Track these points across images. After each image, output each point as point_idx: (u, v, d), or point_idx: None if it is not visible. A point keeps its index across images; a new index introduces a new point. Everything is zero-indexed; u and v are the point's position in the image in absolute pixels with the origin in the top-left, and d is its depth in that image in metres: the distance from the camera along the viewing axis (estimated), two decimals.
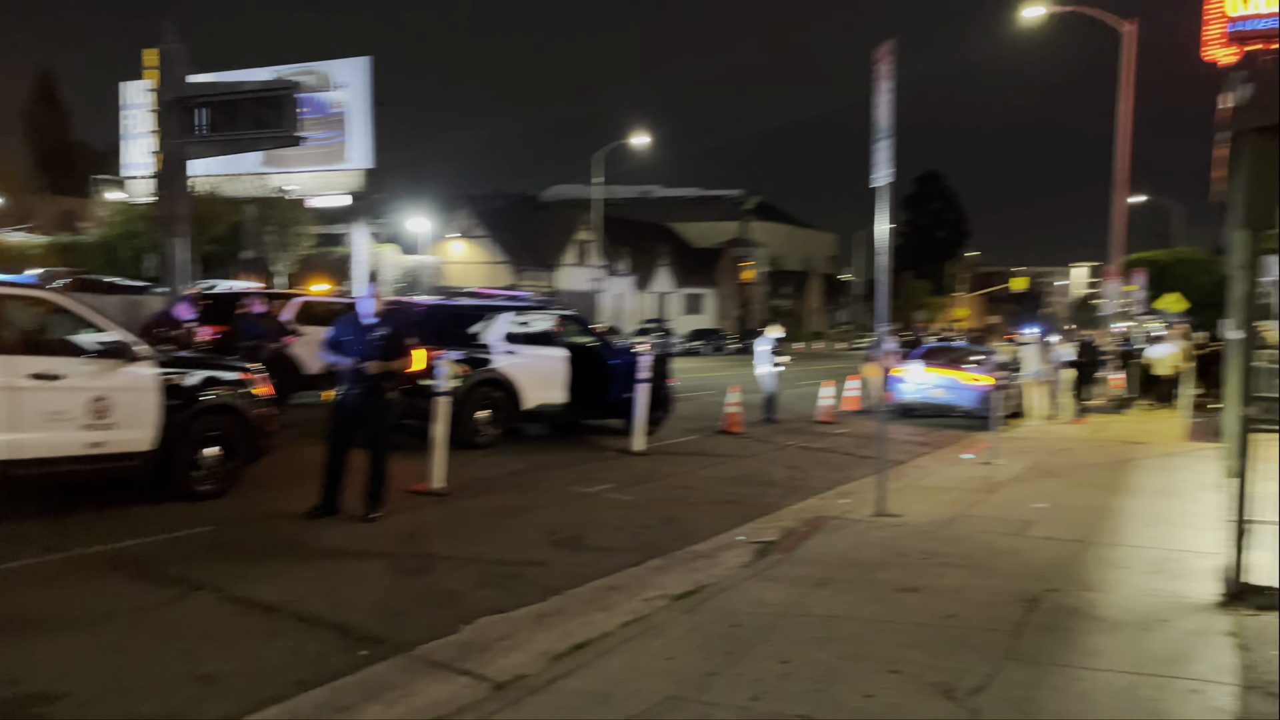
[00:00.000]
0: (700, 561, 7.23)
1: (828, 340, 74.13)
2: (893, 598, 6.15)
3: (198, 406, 8.25)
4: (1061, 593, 6.25)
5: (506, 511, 8.75)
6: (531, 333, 13.24)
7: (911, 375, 18.06)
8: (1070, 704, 4.42)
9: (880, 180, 8.45)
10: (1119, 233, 24.64)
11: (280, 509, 8.28)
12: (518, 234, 55.73)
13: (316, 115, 30.24)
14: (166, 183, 18.75)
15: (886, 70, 8.23)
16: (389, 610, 5.84)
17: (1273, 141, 5.49)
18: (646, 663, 4.93)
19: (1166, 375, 20.87)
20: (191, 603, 5.79)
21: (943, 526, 8.35)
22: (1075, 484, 10.82)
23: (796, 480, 11.16)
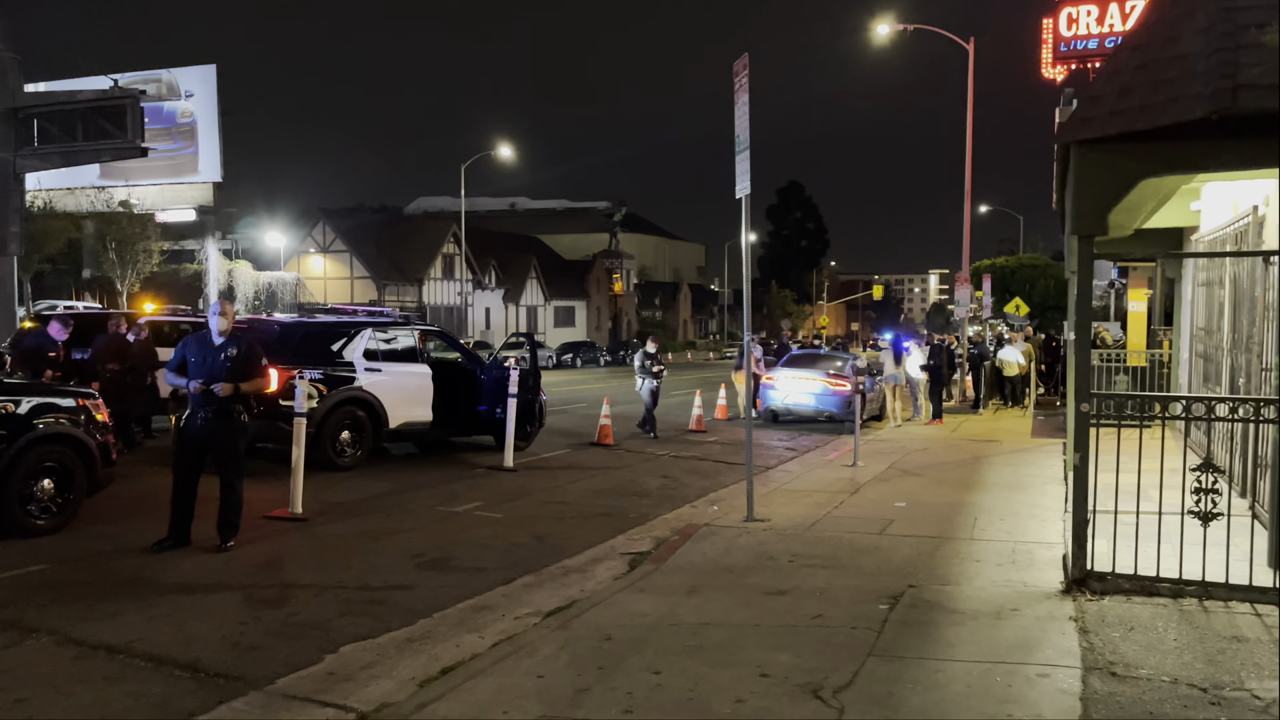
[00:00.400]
0: (572, 576, 7.17)
1: (698, 350, 75.28)
2: (761, 602, 6.24)
3: (30, 436, 7.68)
4: (920, 588, 6.47)
5: (370, 535, 8.49)
6: (395, 349, 12.94)
7: (778, 382, 18.49)
8: (930, 695, 4.57)
9: (741, 191, 8.61)
10: (969, 241, 25.90)
11: (124, 543, 7.79)
12: (380, 248, 54.45)
13: (164, 125, 28.90)
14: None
15: (744, 83, 8.40)
16: (244, 645, 5.56)
17: (1096, 153, 5.85)
18: (517, 683, 4.84)
19: (1014, 376, 22.02)
20: (25, 648, 5.36)
21: (808, 529, 8.54)
22: (932, 482, 11.27)
23: (669, 490, 11.24)
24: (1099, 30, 22.63)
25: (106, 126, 18.07)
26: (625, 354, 58.27)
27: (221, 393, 7.55)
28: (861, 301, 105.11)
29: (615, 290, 70.51)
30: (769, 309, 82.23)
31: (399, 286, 52.76)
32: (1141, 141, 5.69)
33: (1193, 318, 13.04)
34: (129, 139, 17.96)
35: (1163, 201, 7.92)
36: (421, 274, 54.27)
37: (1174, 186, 7.14)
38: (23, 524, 7.69)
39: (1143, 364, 16.32)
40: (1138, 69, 5.78)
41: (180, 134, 30.46)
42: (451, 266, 55.20)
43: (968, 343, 26.34)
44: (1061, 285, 37.03)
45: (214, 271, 33.05)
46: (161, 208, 31.68)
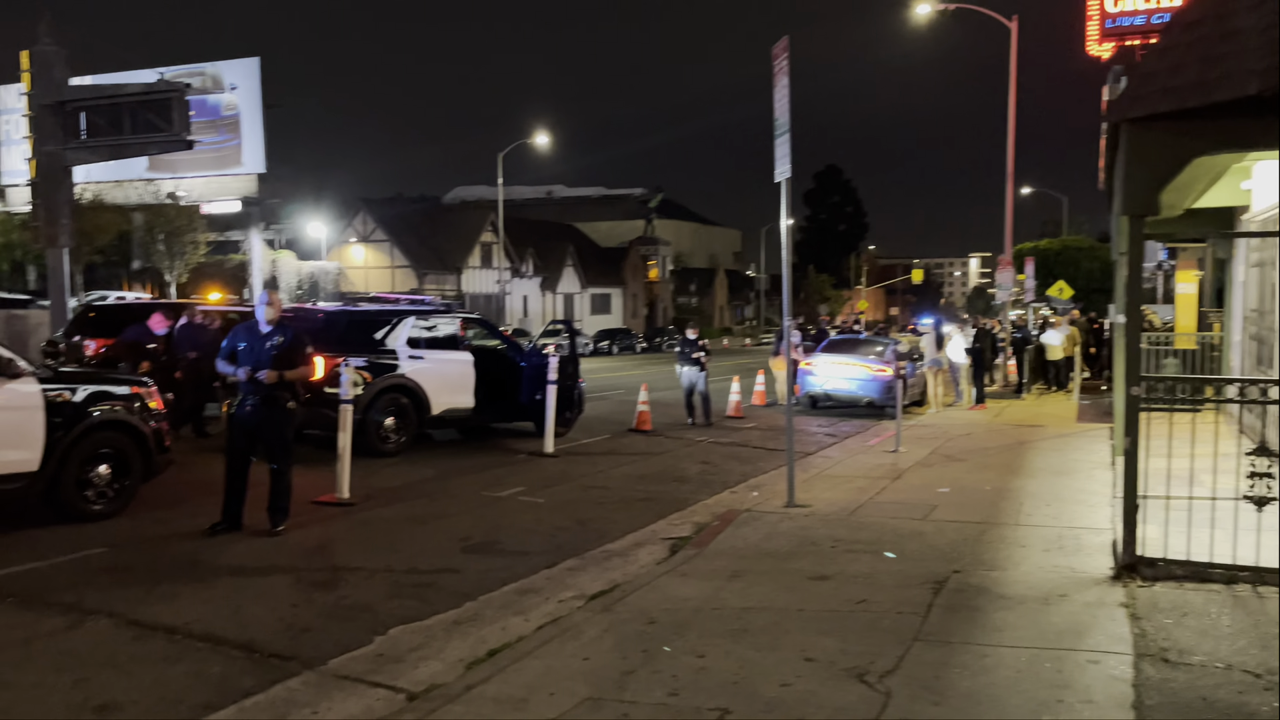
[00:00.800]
0: (615, 560, 7.22)
1: (735, 336, 75.04)
2: (805, 586, 6.25)
3: (87, 423, 7.87)
4: (966, 573, 6.44)
5: (416, 519, 8.60)
6: (437, 337, 13.06)
7: (817, 368, 18.39)
8: (978, 680, 4.55)
9: (781, 175, 8.57)
10: (1010, 223, 25.54)
11: (179, 527, 7.97)
12: (420, 237, 54.86)
13: (209, 118, 29.34)
14: (45, 191, 17.90)
15: (783, 66, 8.35)
16: (297, 626, 5.67)
17: (1147, 131, 5.75)
18: (563, 665, 4.90)
19: (1058, 360, 21.73)
20: (86, 630, 5.51)
21: (851, 514, 8.52)
22: (976, 467, 11.17)
23: (708, 475, 11.25)
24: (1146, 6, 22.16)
25: (153, 120, 18.34)
26: (661, 340, 58.28)
27: (266, 379, 7.68)
28: (901, 286, 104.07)
29: (651, 277, 70.43)
30: (807, 294, 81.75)
31: (439, 275, 53.14)
32: (1193, 119, 5.59)
33: (1244, 299, 12.77)
34: (175, 132, 18.21)
35: (1214, 180, 7.76)
36: (460, 263, 54.62)
37: (1225, 165, 7.00)
38: (81, 509, 7.89)
39: (1192, 347, 16.02)
40: (1190, 45, 5.66)
41: (225, 126, 30.89)
42: (490, 255, 55.49)
43: (1010, 326, 26.02)
44: (1106, 267, 36.42)
45: (258, 261, 33.54)
46: (207, 199, 32.20)
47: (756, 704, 4.34)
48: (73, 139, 18.14)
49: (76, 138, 18.22)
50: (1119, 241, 9.75)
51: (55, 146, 17.86)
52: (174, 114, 18.12)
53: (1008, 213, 25.62)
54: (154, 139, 18.56)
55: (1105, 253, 38.22)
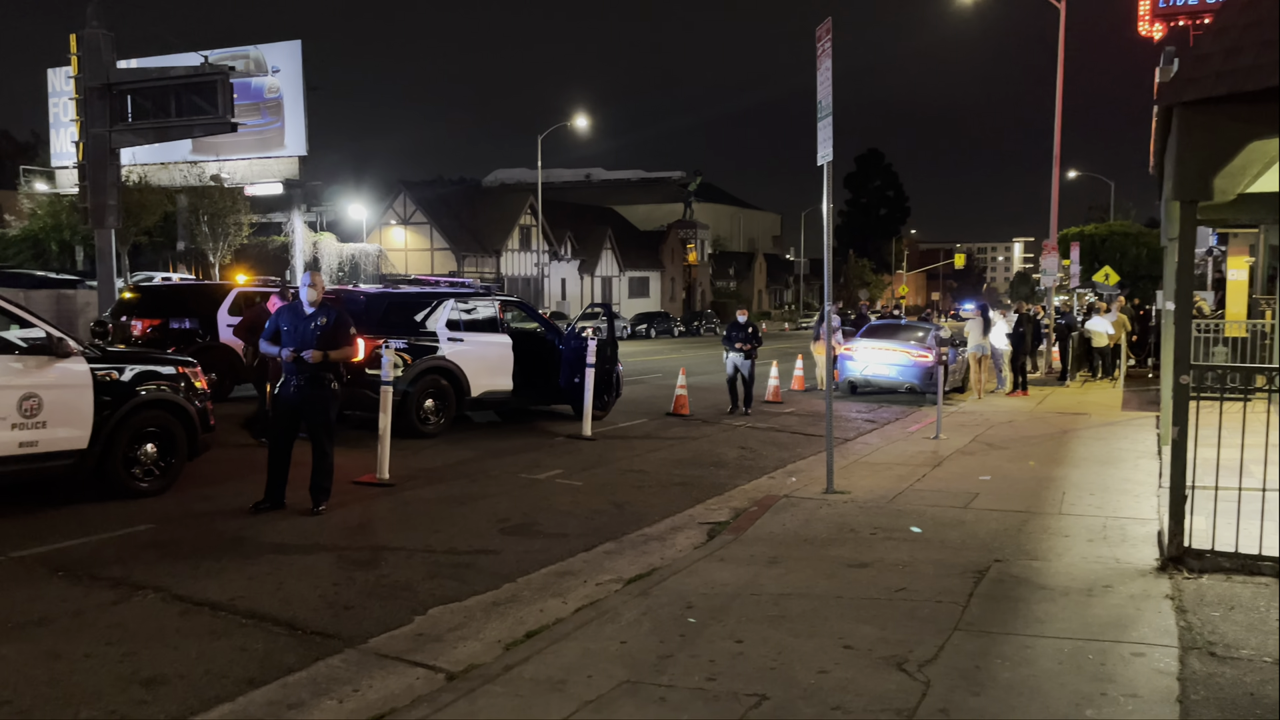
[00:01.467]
0: (652, 544, 7.23)
1: (773, 320, 74.66)
2: (844, 573, 6.21)
3: (134, 402, 8.02)
4: (1007, 562, 6.37)
5: (456, 500, 8.67)
6: (476, 319, 13.12)
7: (857, 353, 18.25)
8: (1019, 671, 4.50)
9: (823, 158, 8.48)
10: (1056, 207, 25.10)
11: (224, 505, 8.11)
12: (459, 219, 55.11)
13: (252, 101, 29.64)
14: (93, 172, 18.19)
15: (826, 48, 8.24)
16: (339, 604, 5.75)
17: (1201, 115, 5.60)
18: (601, 648, 4.91)
19: (1104, 347, 21.38)
20: (134, 604, 5.63)
21: (890, 501, 8.45)
22: (1018, 455, 11.04)
23: (746, 460, 11.22)
24: None
25: (198, 102, 18.54)
26: (700, 324, 58.15)
27: (311, 360, 7.77)
28: (942, 271, 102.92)
29: (689, 260, 70.22)
30: (846, 279, 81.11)
31: (478, 258, 53.40)
32: (1249, 103, 5.43)
33: None
34: (219, 114, 18.38)
35: (1268, 165, 7.54)
36: (499, 245, 54.84)
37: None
38: (128, 486, 8.05)
39: (1243, 334, 15.67)
40: (1246, 27, 5.50)
41: (267, 109, 31.20)
42: (528, 238, 55.64)
43: (1055, 313, 25.62)
44: (1154, 253, 35.74)
45: (300, 243, 33.91)
46: (250, 181, 32.57)
47: (794, 690, 4.33)
48: (119, 121, 18.39)
49: (123, 120, 18.47)
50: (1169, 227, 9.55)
51: (102, 129, 18.12)
52: (218, 96, 18.29)
53: (1053, 197, 25.18)
54: (198, 121, 18.75)
55: (1153, 238, 37.51)
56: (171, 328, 14.78)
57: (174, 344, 14.25)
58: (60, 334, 7.68)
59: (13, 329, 8.06)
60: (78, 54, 18.09)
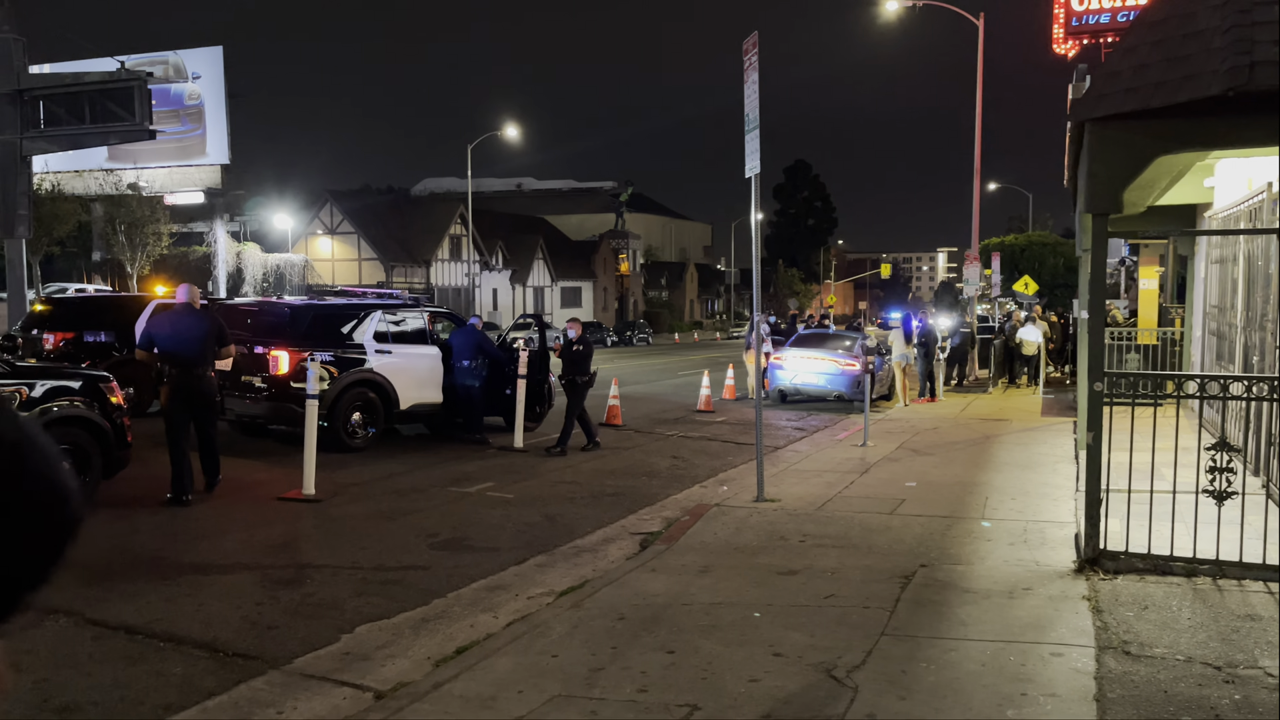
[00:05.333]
0: (584, 556, 7.21)
1: (705, 330, 75.20)
2: (774, 581, 6.27)
3: (45, 419, 7.73)
4: (932, 567, 6.49)
5: (384, 515, 8.53)
6: (405, 331, 12.95)
7: (787, 362, 18.48)
8: (943, 674, 4.59)
9: (751, 170, 8.58)
10: (977, 219, 25.78)
11: (140, 524, 7.86)
12: (388, 229, 54.39)
13: (172, 108, 28.91)
14: (3, 181, 17.56)
15: (753, 61, 8.35)
16: (262, 624, 5.61)
17: (1111, 130, 5.81)
18: (532, 662, 4.88)
19: (1033, 355, 22.00)
20: (45, 629, 5.41)
21: (819, 508, 8.56)
22: (942, 461, 11.28)
23: (678, 470, 11.27)
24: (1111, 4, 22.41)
25: (114, 109, 18.06)
26: (632, 334, 58.27)
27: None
28: (869, 280, 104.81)
29: (622, 270, 70.39)
30: (776, 288, 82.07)
31: (407, 268, 52.76)
32: (1157, 119, 5.65)
33: (1205, 295, 12.97)
34: (136, 121, 17.94)
35: (1176, 178, 7.86)
36: (429, 255, 54.25)
37: (1188, 163, 7.08)
38: None
39: (1154, 342, 16.27)
40: (1153, 45, 5.73)
41: (188, 116, 30.45)
42: (459, 248, 55.17)
43: (975, 321, 26.28)
44: (1071, 263, 36.91)
45: (222, 254, 33.12)
46: (170, 190, 31.72)
47: (725, 699, 4.35)
48: (31, 128, 17.82)
49: (35, 127, 17.90)
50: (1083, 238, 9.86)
51: (13, 136, 17.52)
52: (135, 103, 17.85)
53: (974, 208, 25.87)
54: (114, 128, 18.28)
55: (1069, 248, 38.73)
56: (86, 341, 14.30)
57: (89, 358, 13.79)
58: None
59: None
60: None
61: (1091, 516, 6.10)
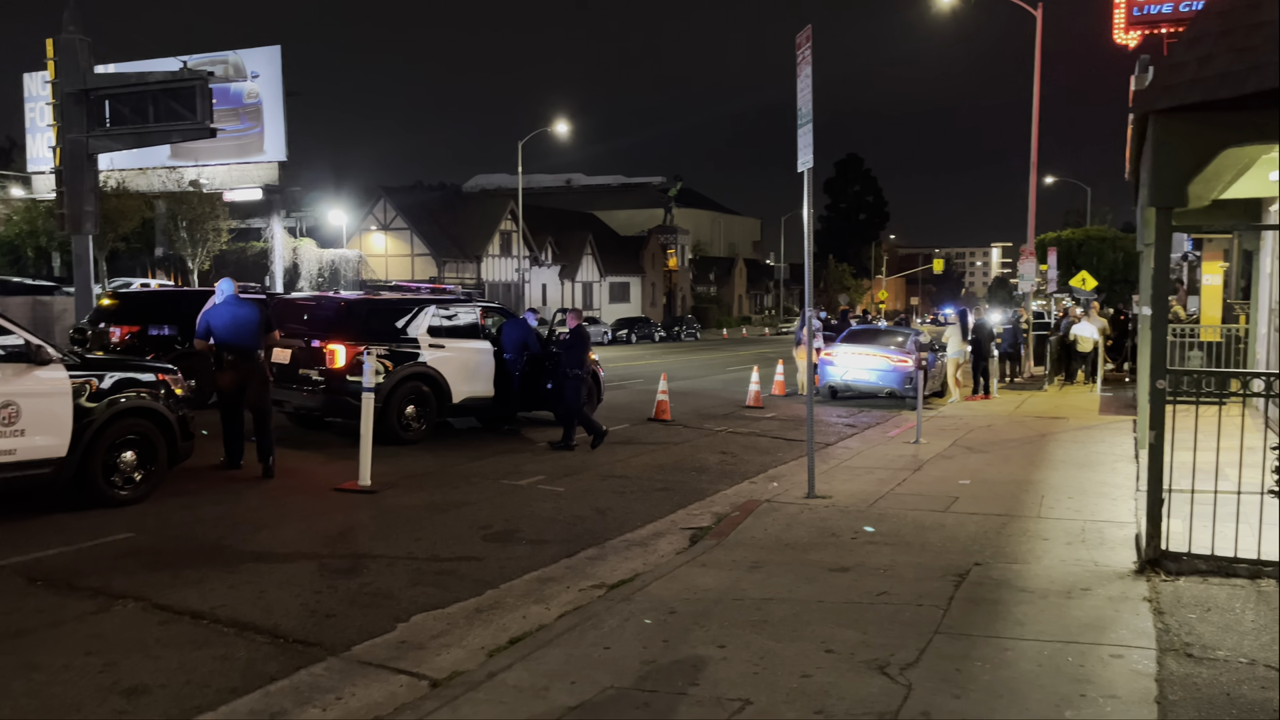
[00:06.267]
0: (634, 550, 7.25)
1: (753, 325, 74.88)
2: (825, 578, 6.25)
3: (114, 410, 7.96)
4: (987, 566, 6.42)
5: (437, 507, 8.65)
6: (457, 325, 13.10)
7: (837, 358, 18.34)
8: (999, 673, 4.54)
9: (803, 165, 8.54)
10: (1034, 213, 25.31)
11: (203, 513, 8.06)
12: (440, 225, 54.98)
13: (231, 106, 29.48)
14: (70, 178, 18.06)
15: (806, 55, 8.30)
16: (320, 612, 5.73)
17: (1175, 122, 5.68)
18: (584, 654, 4.92)
19: (1088, 352, 21.60)
20: (114, 614, 5.59)
21: (871, 505, 8.50)
22: (997, 459, 11.12)
23: (727, 465, 11.26)
24: None
25: (176, 108, 18.46)
26: (680, 330, 58.24)
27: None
28: (921, 276, 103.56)
29: (670, 266, 70.34)
30: (826, 284, 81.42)
31: (458, 263, 53.27)
32: (1223, 110, 5.52)
33: (1271, 292, 12.62)
34: (198, 120, 18.31)
35: (1242, 171, 7.66)
36: (480, 251, 54.74)
37: (1255, 156, 6.90)
38: (107, 494, 7.98)
39: (1218, 339, 15.87)
40: (1219, 36, 5.59)
41: (247, 114, 31.02)
42: (509, 243, 55.57)
43: (1031, 317, 25.84)
44: (1130, 258, 36.09)
45: (279, 249, 33.71)
46: (229, 187, 32.37)
47: (777, 694, 4.36)
48: (97, 127, 18.28)
49: (101, 125, 18.36)
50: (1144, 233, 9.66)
51: (80, 134, 18.01)
52: (197, 102, 18.22)
53: (1031, 202, 25.40)
54: (177, 126, 18.68)
55: (1129, 243, 37.87)
56: (151, 334, 14.68)
57: (153, 351, 14.16)
58: (39, 341, 7.61)
59: None
60: (54, 59, 17.95)
61: (1153, 516, 5.98)
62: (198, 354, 13.60)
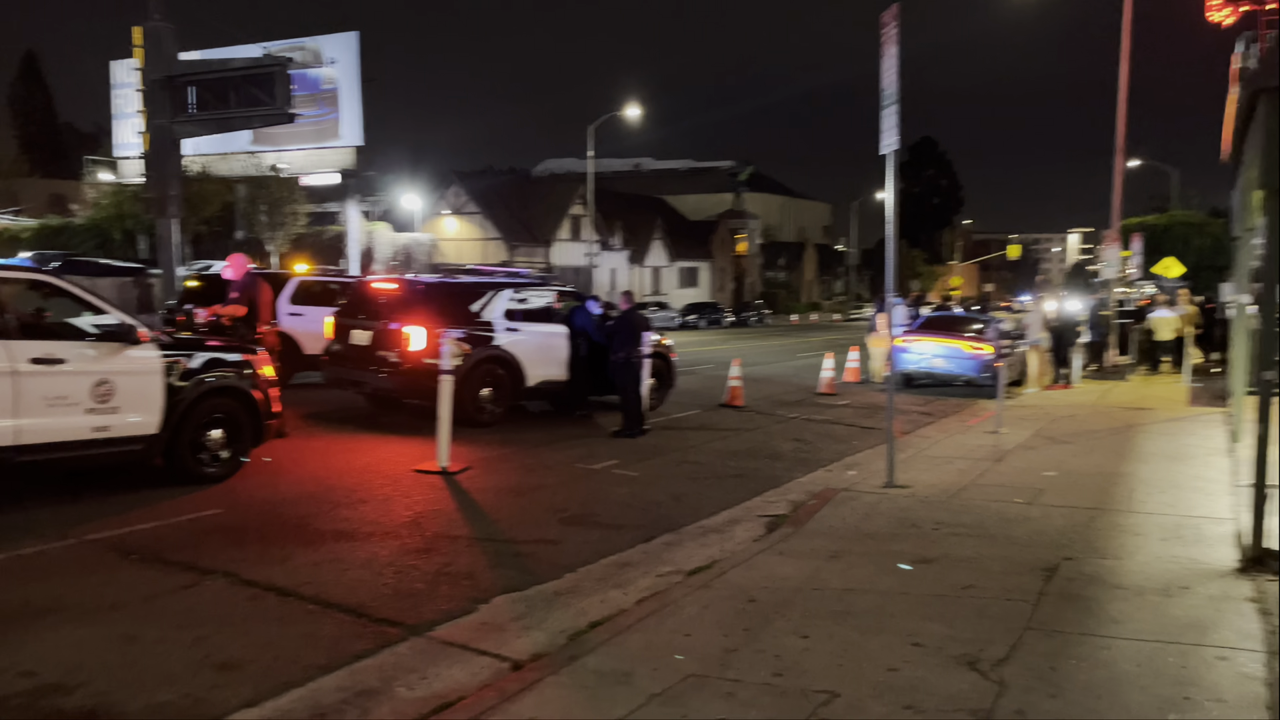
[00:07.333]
0: (711, 536, 7.19)
1: (824, 311, 74.02)
2: (908, 569, 6.11)
3: (202, 388, 8.15)
4: (1079, 561, 6.22)
5: (513, 490, 8.70)
6: (532, 309, 13.14)
7: (913, 345, 18.00)
8: (1097, 673, 4.39)
9: (887, 147, 8.34)
10: (1119, 197, 24.46)
11: (287, 491, 8.22)
12: (511, 209, 55.38)
13: (308, 92, 29.97)
14: (156, 163, 18.54)
15: (892, 34, 8.09)
16: (402, 591, 5.79)
17: None
18: (664, 640, 4.89)
19: (1169, 340, 20.86)
20: (204, 588, 5.72)
21: (953, 496, 8.31)
22: (1082, 450, 10.80)
23: (802, 453, 11.12)
24: None
25: (257, 93, 18.78)
26: (749, 315, 57.85)
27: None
28: (996, 262, 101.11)
29: (739, 251, 69.81)
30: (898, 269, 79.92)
31: (529, 247, 53.62)
32: None
33: None
34: (278, 106, 18.61)
35: None
36: (550, 235, 55.02)
37: None
38: (195, 471, 8.19)
39: None
40: None
41: (324, 100, 31.52)
42: (579, 228, 55.73)
43: (1115, 305, 25.03)
44: (1219, 244, 34.68)
45: (354, 233, 34.28)
46: (306, 171, 32.97)
47: (864, 687, 4.27)
48: (182, 113, 18.71)
49: (185, 112, 18.78)
50: (1244, 216, 9.25)
51: (165, 120, 18.45)
52: (276, 88, 18.52)
53: (1115, 186, 24.54)
54: (257, 112, 19.02)
55: (1217, 228, 36.41)
56: None
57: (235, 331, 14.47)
58: (132, 321, 7.82)
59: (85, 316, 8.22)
60: (141, 46, 18.41)
61: (1258, 513, 5.73)
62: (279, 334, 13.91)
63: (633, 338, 12.12)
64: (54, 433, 7.21)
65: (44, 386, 7.13)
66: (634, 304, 12.74)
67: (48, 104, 64.13)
